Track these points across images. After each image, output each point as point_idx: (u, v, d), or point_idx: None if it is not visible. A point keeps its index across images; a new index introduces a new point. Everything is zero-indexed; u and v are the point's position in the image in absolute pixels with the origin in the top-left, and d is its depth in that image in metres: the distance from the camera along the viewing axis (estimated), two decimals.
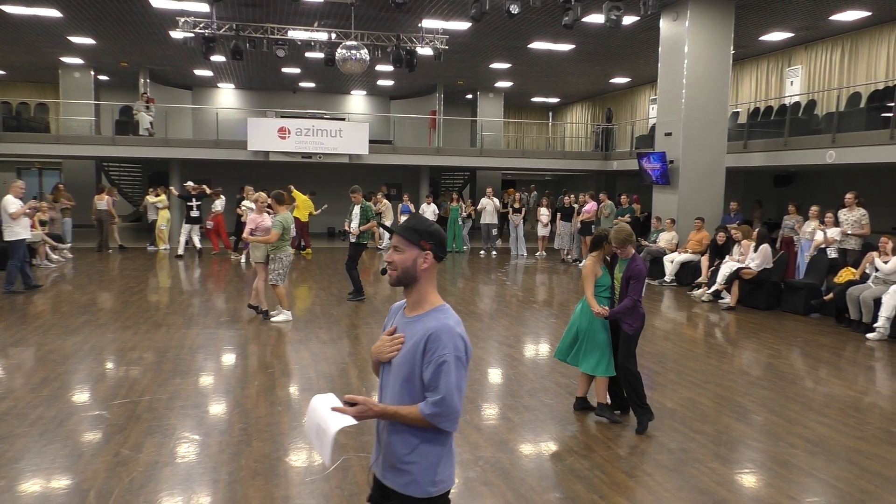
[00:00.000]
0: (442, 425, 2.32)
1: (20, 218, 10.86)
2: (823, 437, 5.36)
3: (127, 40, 18.53)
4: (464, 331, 2.37)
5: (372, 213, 11.23)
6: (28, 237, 11.33)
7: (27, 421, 5.29)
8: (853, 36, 16.43)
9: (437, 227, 2.44)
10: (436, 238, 2.41)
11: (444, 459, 2.41)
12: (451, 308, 2.44)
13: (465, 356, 2.34)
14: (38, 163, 25.91)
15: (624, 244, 5.45)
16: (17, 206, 10.83)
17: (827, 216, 11.44)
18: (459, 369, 2.31)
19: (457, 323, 2.37)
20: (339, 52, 15.00)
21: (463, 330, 2.37)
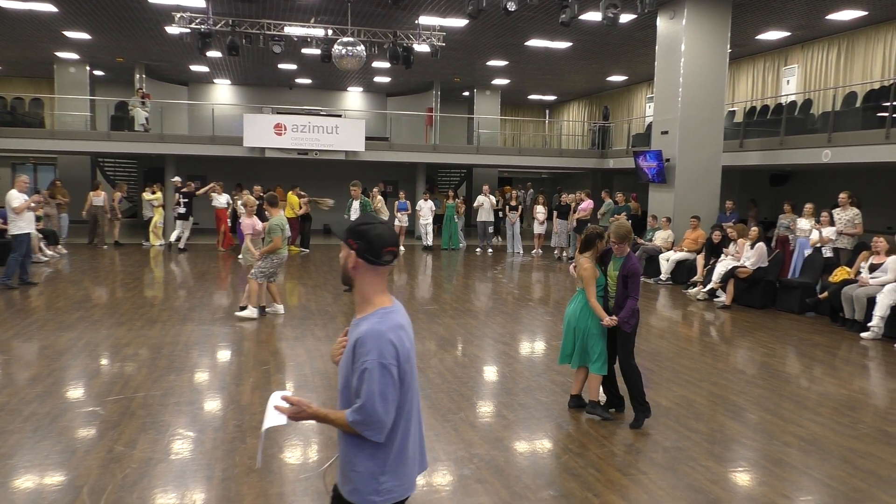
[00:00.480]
0: (365, 434, 2.25)
1: (24, 212, 10.90)
2: (817, 436, 5.37)
3: (123, 35, 18.46)
4: (401, 335, 2.29)
5: (371, 208, 11.33)
6: (32, 231, 11.38)
7: (20, 417, 5.28)
8: (849, 35, 16.45)
9: (369, 229, 2.34)
10: (363, 239, 2.32)
11: (389, 468, 2.33)
12: (397, 311, 2.37)
13: (393, 362, 2.24)
14: (33, 158, 25.79)
15: (623, 240, 5.44)
16: (20, 201, 10.88)
17: (822, 215, 11.47)
18: (384, 377, 2.22)
19: (392, 328, 2.28)
20: (336, 49, 14.96)
21: (399, 335, 2.29)
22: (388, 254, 2.34)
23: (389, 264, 2.38)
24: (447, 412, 5.69)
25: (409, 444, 2.39)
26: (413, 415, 2.41)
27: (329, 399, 5.85)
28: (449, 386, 6.42)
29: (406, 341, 2.31)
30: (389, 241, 2.34)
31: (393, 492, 2.33)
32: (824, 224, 11.36)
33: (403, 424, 2.35)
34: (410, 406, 2.38)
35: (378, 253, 2.32)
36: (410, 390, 2.36)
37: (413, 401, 2.40)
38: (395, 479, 2.34)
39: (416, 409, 2.43)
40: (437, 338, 8.42)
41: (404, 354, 2.28)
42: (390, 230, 2.40)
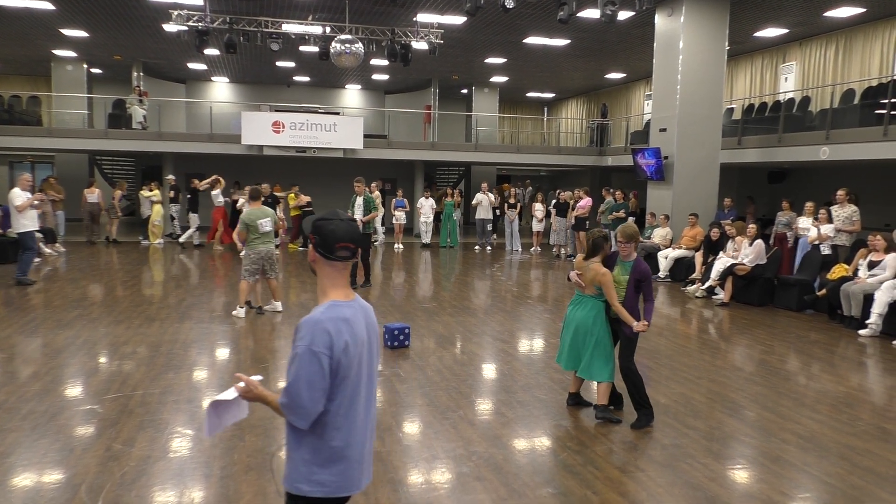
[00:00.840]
0: (290, 418, 2.29)
1: (26, 210, 10.98)
2: (815, 433, 5.38)
3: (120, 33, 18.42)
4: (340, 327, 2.31)
5: (374, 204, 11.41)
6: (36, 228, 11.45)
7: (19, 415, 5.27)
8: (847, 33, 16.45)
9: (325, 224, 2.38)
10: (319, 233, 2.38)
11: (323, 461, 2.34)
12: (350, 305, 2.39)
13: (325, 351, 2.26)
14: (31, 156, 25.75)
15: (630, 239, 5.38)
16: (23, 199, 10.96)
17: (820, 213, 11.48)
18: (312, 364, 2.24)
19: (332, 318, 2.30)
20: (334, 46, 14.94)
21: (339, 326, 2.30)
22: (342, 249, 2.37)
23: (344, 260, 2.41)
24: (446, 410, 5.69)
25: (352, 443, 2.38)
26: (358, 416, 2.40)
27: None
28: (448, 384, 6.42)
29: (346, 334, 2.31)
30: (343, 237, 2.37)
31: (325, 485, 2.34)
32: (822, 221, 11.37)
33: (345, 422, 2.36)
34: (354, 405, 2.38)
35: (331, 248, 2.37)
36: (353, 388, 2.36)
37: (357, 401, 2.39)
38: (330, 474, 2.34)
39: (363, 412, 2.42)
40: (436, 335, 8.41)
41: (340, 346, 2.29)
42: (348, 227, 2.40)
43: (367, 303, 2.58)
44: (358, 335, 2.37)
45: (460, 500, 4.10)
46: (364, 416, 2.43)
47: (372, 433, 2.53)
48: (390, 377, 6.60)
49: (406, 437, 5.14)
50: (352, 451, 2.38)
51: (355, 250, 2.42)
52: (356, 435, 2.39)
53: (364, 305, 2.51)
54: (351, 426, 2.38)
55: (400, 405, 5.81)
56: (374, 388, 2.54)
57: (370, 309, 2.56)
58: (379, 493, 4.16)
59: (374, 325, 2.53)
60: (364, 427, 2.44)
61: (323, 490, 2.34)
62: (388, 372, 6.78)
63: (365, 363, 2.43)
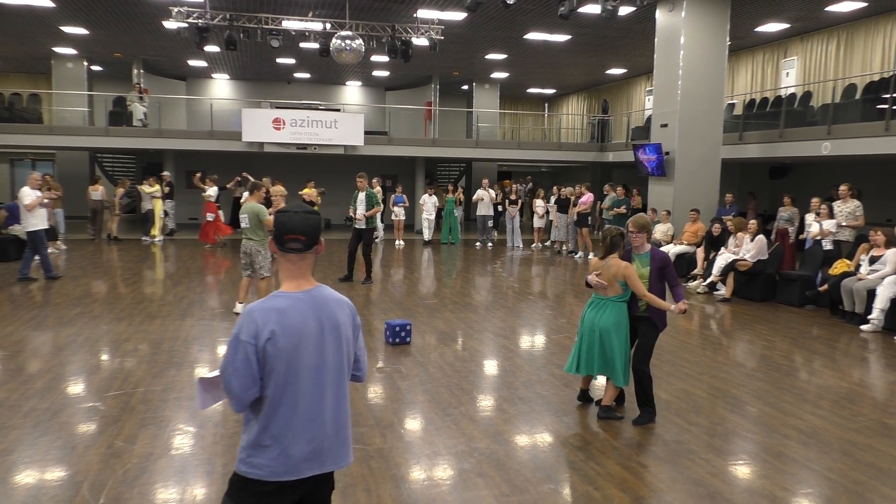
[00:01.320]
0: (228, 401, 2.41)
1: (36, 209, 11.07)
2: (817, 429, 5.37)
3: (120, 30, 18.40)
4: (270, 317, 2.34)
5: (377, 200, 11.42)
6: (46, 227, 11.52)
7: (20, 412, 5.27)
8: (849, 27, 16.41)
9: (280, 216, 2.44)
10: (275, 226, 2.45)
11: (260, 446, 2.40)
12: (292, 297, 2.41)
13: (249, 340, 2.31)
14: (32, 154, 25.76)
15: (642, 229, 5.35)
16: (32, 198, 11.05)
17: (822, 208, 11.47)
18: (236, 351, 2.32)
19: (265, 308, 2.36)
20: (334, 43, 14.92)
21: (269, 316, 2.34)
22: (291, 241, 2.41)
23: (295, 252, 2.43)
24: (447, 406, 5.68)
25: (288, 432, 2.39)
26: (298, 406, 2.40)
27: None
28: (449, 380, 6.42)
29: (273, 324, 2.34)
30: (291, 230, 2.41)
31: (260, 469, 2.39)
32: (823, 217, 11.35)
33: (279, 411, 2.39)
34: (290, 395, 2.39)
35: (281, 239, 2.42)
36: (288, 378, 2.38)
37: (294, 391, 2.39)
38: (265, 458, 2.39)
39: (308, 403, 2.41)
40: (437, 332, 8.41)
41: (265, 336, 2.32)
42: (301, 219, 2.43)
43: (338, 295, 2.55)
44: (292, 326, 2.37)
45: (462, 497, 4.10)
46: (311, 407, 2.42)
47: (333, 424, 2.48)
48: (391, 374, 6.60)
49: (407, 433, 5.14)
50: (288, 439, 2.39)
51: (307, 243, 2.44)
52: (295, 424, 2.40)
53: (322, 297, 2.48)
54: (289, 415, 2.39)
55: (401, 402, 5.81)
56: (336, 380, 2.48)
57: (336, 301, 2.52)
58: (381, 489, 4.16)
59: (334, 317, 2.47)
60: (311, 418, 2.42)
61: (258, 474, 2.40)
62: (390, 368, 6.78)
63: (313, 354, 2.41)
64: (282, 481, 2.40)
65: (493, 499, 4.08)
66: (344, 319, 2.51)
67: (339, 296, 2.57)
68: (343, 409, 2.53)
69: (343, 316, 2.52)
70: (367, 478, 4.31)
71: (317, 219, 2.49)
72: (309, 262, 2.50)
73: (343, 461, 2.54)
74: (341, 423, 2.52)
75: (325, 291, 2.51)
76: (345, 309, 2.54)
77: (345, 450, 2.55)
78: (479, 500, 4.07)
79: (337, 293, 2.57)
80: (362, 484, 4.22)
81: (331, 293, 2.53)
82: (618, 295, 5.37)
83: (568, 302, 10.96)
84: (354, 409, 5.53)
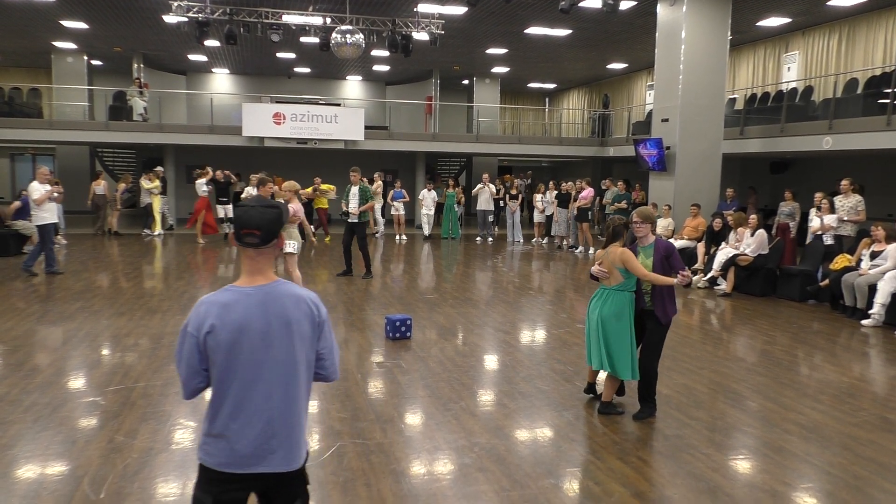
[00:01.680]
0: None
1: (44, 203, 11.13)
2: (818, 424, 5.37)
3: (120, 24, 18.36)
4: (211, 310, 2.38)
5: (370, 194, 11.37)
6: (55, 221, 11.57)
7: (21, 407, 5.28)
8: (850, 21, 16.37)
9: (237, 210, 2.45)
10: (234, 220, 2.48)
11: (209, 433, 2.44)
12: (240, 291, 2.41)
13: (192, 331, 2.37)
14: (32, 149, 25.73)
15: (647, 220, 5.35)
16: (40, 192, 11.10)
17: (823, 203, 11.45)
18: (181, 341, 2.41)
19: (210, 301, 2.41)
20: (334, 37, 14.88)
21: (211, 309, 2.38)
22: (247, 235, 2.40)
23: (250, 246, 2.42)
24: (448, 401, 5.69)
25: (234, 426, 2.39)
26: (244, 402, 2.39)
27: (329, 388, 5.85)
28: (449, 375, 6.42)
29: (213, 318, 2.35)
30: (246, 224, 2.40)
31: (211, 457, 2.43)
32: (825, 212, 11.34)
33: (228, 405, 2.40)
34: (231, 389, 2.39)
35: (238, 234, 2.42)
36: (226, 372, 2.38)
37: (233, 385, 2.39)
38: (215, 449, 2.42)
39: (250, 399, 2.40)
40: (438, 327, 8.41)
41: (205, 329, 2.35)
42: (257, 214, 2.41)
43: (298, 291, 2.49)
44: (233, 321, 2.36)
45: (462, 491, 4.10)
46: (256, 404, 2.40)
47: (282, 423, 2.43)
48: (392, 368, 6.60)
49: (408, 428, 5.14)
50: (234, 433, 2.39)
51: (263, 237, 2.41)
52: (240, 419, 2.40)
53: (276, 293, 2.44)
54: (233, 410, 2.39)
55: (402, 396, 5.81)
56: (287, 378, 2.44)
57: (293, 297, 2.46)
58: (381, 483, 4.16)
59: (285, 313, 2.41)
60: (256, 415, 2.40)
61: (209, 461, 2.43)
62: (390, 363, 6.78)
63: (257, 350, 2.38)
64: (230, 472, 2.41)
65: (494, 493, 4.08)
66: (298, 316, 2.44)
67: (300, 292, 2.49)
68: (293, 410, 2.46)
69: (297, 313, 2.44)
70: (367, 472, 4.31)
71: (275, 213, 2.44)
72: (267, 257, 2.47)
73: (292, 463, 2.46)
74: (292, 422, 2.45)
75: (280, 287, 2.46)
76: (302, 305, 2.46)
77: (294, 452, 2.46)
78: (480, 494, 4.07)
79: (299, 289, 2.51)
80: (362, 478, 4.22)
81: (288, 289, 2.47)
82: (619, 284, 5.30)
83: (568, 297, 10.96)
84: (354, 403, 5.53)
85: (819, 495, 4.22)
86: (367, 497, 3.99)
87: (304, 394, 2.51)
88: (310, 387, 2.56)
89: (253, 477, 2.42)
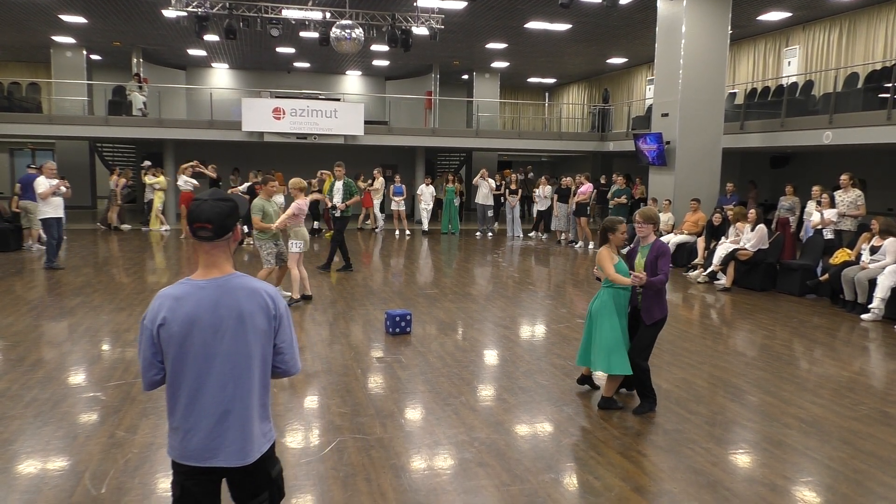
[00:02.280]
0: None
1: (50, 197, 11.28)
2: (818, 418, 5.38)
3: (119, 19, 18.33)
4: (163, 303, 2.40)
5: (354, 189, 11.40)
6: (59, 216, 11.64)
7: (22, 403, 5.28)
8: (851, 16, 16.33)
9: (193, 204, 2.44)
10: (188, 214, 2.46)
11: (171, 429, 2.47)
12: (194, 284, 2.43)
13: (147, 324, 2.40)
14: (31, 144, 25.71)
15: (648, 221, 5.39)
16: (45, 187, 11.25)
17: (823, 197, 11.45)
18: (140, 334, 2.45)
19: (164, 295, 2.43)
20: (334, 32, 14.86)
21: (163, 302, 2.40)
22: (200, 229, 2.41)
23: (203, 240, 2.43)
24: (448, 396, 5.69)
25: (189, 419, 2.41)
26: (196, 395, 2.40)
27: (329, 384, 5.85)
28: (449, 370, 6.43)
29: (165, 311, 2.37)
30: (198, 217, 2.40)
31: (172, 450, 2.48)
32: (825, 206, 11.34)
33: (182, 398, 2.42)
34: (183, 383, 2.41)
35: (192, 227, 2.43)
36: (178, 366, 2.40)
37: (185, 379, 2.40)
38: (174, 441, 2.46)
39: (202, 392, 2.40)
40: (438, 322, 8.42)
41: (157, 322, 2.37)
42: (209, 207, 2.41)
43: (255, 284, 2.48)
44: (184, 314, 2.37)
45: (462, 486, 4.11)
46: (208, 397, 2.40)
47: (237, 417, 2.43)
48: (392, 363, 6.60)
49: (408, 423, 5.14)
50: (189, 425, 2.41)
51: (215, 231, 2.41)
52: (194, 412, 2.41)
53: (230, 286, 2.44)
54: (187, 402, 2.41)
55: (402, 391, 5.82)
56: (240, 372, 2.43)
57: (247, 290, 2.45)
58: (381, 479, 4.17)
59: (238, 307, 2.41)
60: (208, 408, 2.41)
61: (172, 453, 2.47)
62: (390, 358, 6.78)
63: (208, 344, 2.38)
64: (189, 465, 2.44)
65: (494, 488, 4.09)
66: (251, 309, 2.42)
67: (255, 284, 2.48)
68: (247, 403, 2.44)
69: (251, 306, 2.42)
70: (367, 467, 4.31)
71: (227, 206, 2.43)
72: (223, 250, 2.46)
73: (245, 458, 2.45)
74: (245, 416, 2.44)
75: (235, 280, 2.45)
76: (257, 298, 2.44)
77: (248, 447, 2.45)
78: (480, 489, 4.08)
79: (255, 282, 2.50)
80: (363, 473, 4.23)
81: (243, 282, 2.47)
82: (606, 281, 5.43)
83: (568, 292, 10.96)
84: (354, 398, 5.54)
85: (819, 489, 4.23)
86: (367, 492, 4.00)
87: (260, 388, 2.49)
88: (267, 381, 2.54)
89: (210, 470, 2.44)
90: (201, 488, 2.46)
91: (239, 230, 2.54)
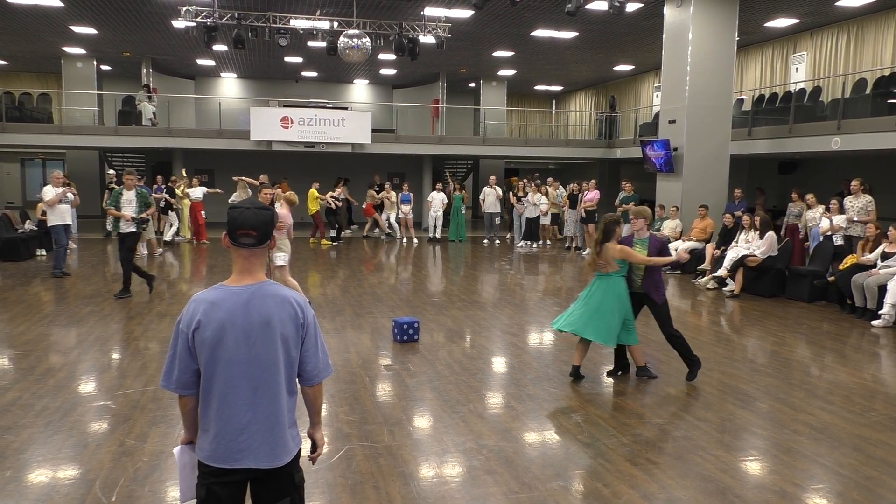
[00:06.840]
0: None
1: (56, 205, 11.43)
2: (828, 424, 5.35)
3: (129, 30, 18.48)
4: (199, 307, 2.45)
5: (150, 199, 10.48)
6: (67, 223, 11.76)
7: (32, 411, 5.31)
8: (859, 22, 16.30)
9: (231, 212, 2.49)
10: (228, 220, 2.51)
11: (202, 431, 2.52)
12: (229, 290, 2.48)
13: (183, 327, 2.47)
14: (42, 154, 25.91)
15: (640, 216, 6.30)
16: (51, 195, 11.40)
17: (832, 203, 11.40)
18: (173, 336, 2.52)
19: (200, 299, 2.48)
20: (342, 41, 14.94)
21: (198, 307, 2.46)
22: (242, 236, 2.47)
23: (245, 247, 2.48)
24: (456, 403, 5.69)
25: (220, 421, 2.46)
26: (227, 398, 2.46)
27: (337, 391, 5.86)
28: (457, 377, 6.43)
29: (200, 315, 2.43)
30: (241, 225, 2.46)
31: (202, 451, 2.51)
32: (833, 212, 11.29)
33: (214, 400, 2.47)
34: (215, 385, 2.46)
35: (233, 234, 2.48)
36: (212, 369, 2.45)
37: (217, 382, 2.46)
38: (204, 443, 2.50)
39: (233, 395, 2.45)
40: (445, 329, 8.42)
41: (193, 326, 2.43)
42: (253, 215, 2.47)
43: (285, 292, 2.53)
44: (218, 319, 2.43)
45: (471, 494, 4.11)
46: (239, 401, 2.46)
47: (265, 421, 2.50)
48: (400, 371, 6.61)
49: (416, 430, 5.15)
50: (219, 427, 2.46)
51: (259, 238, 2.48)
52: (224, 414, 2.46)
53: (261, 293, 2.49)
54: (219, 405, 2.46)
55: (410, 399, 5.82)
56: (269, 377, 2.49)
57: (277, 298, 2.51)
58: (390, 486, 4.17)
59: (266, 313, 2.47)
60: (238, 411, 2.46)
61: (200, 454, 2.52)
62: (398, 366, 6.79)
63: (240, 349, 2.44)
64: (217, 466, 2.47)
65: (502, 496, 4.09)
66: (281, 316, 2.49)
67: (285, 293, 2.54)
68: (275, 407, 2.51)
69: (280, 313, 2.49)
70: (375, 475, 4.32)
71: (269, 215, 2.52)
72: (259, 257, 2.54)
73: (274, 460, 2.51)
74: (274, 421, 2.51)
75: (267, 287, 2.52)
76: (286, 306, 2.51)
77: (279, 450, 2.52)
78: (488, 497, 4.08)
79: (286, 290, 2.55)
80: (371, 481, 4.23)
81: (274, 289, 2.52)
82: (615, 271, 6.12)
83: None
84: (362, 406, 5.55)
85: (829, 496, 4.21)
86: (375, 499, 4.01)
87: (287, 393, 2.56)
88: (293, 387, 2.61)
89: (238, 471, 2.49)
90: (227, 490, 2.50)
91: (275, 239, 2.60)
